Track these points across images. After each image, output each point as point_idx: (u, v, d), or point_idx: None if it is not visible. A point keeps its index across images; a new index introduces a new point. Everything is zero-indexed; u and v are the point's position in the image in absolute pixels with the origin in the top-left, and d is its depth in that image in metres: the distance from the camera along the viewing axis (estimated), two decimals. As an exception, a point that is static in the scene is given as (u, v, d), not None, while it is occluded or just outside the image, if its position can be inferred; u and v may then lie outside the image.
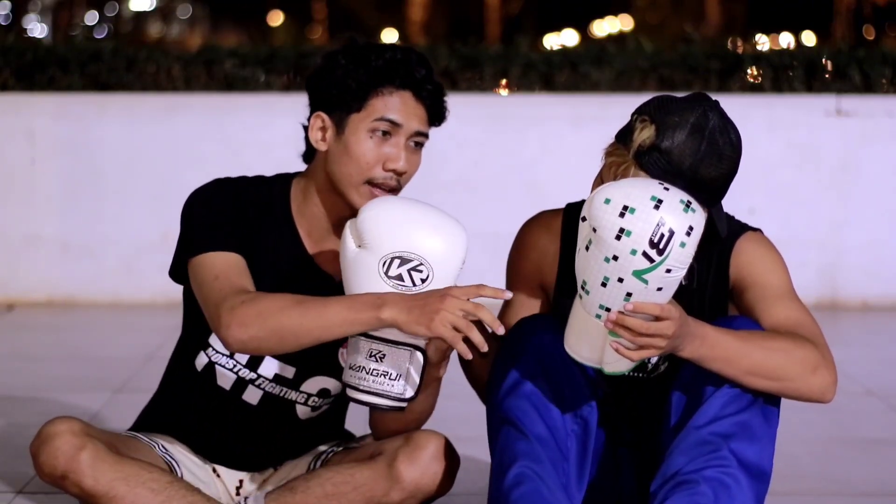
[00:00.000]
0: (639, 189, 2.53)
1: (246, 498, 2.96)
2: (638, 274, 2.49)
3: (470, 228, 2.74)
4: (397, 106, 2.88)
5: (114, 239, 6.83)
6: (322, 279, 2.94)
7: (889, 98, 6.95)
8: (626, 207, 2.49)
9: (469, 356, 2.64)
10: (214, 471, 3.06)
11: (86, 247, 6.83)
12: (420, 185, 6.68)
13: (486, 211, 6.53)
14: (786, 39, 17.21)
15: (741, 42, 7.94)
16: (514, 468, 2.70)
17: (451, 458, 2.90)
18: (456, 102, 8.23)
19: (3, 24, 30.38)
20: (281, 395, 2.98)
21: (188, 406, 3.04)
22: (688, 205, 2.53)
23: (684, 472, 2.64)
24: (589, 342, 2.61)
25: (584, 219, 2.57)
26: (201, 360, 2.99)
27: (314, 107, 2.92)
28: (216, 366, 2.97)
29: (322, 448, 3.08)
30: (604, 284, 2.52)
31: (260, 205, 2.95)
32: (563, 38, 32.89)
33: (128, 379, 4.74)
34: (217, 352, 2.96)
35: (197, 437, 3.05)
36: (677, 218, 2.50)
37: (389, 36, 30.01)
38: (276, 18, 39.60)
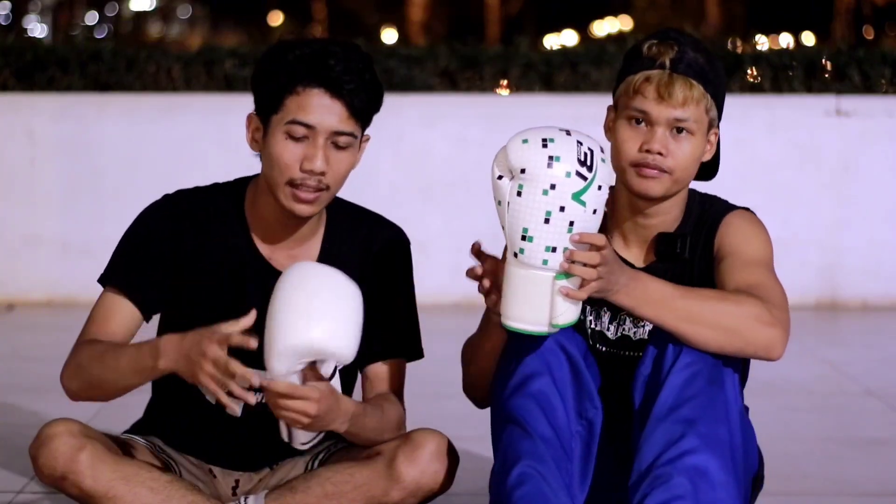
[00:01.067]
0: (544, 128, 2.67)
1: (245, 497, 2.96)
2: (577, 196, 2.59)
3: (470, 228, 2.74)
4: (310, 106, 2.80)
5: (114, 239, 6.76)
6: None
7: (889, 98, 6.95)
8: (544, 139, 2.61)
9: (235, 412, 2.66)
10: (210, 471, 3.06)
11: (86, 247, 6.83)
12: (421, 186, 6.71)
13: (486, 211, 6.50)
14: (785, 39, 17.22)
15: (741, 42, 7.94)
16: (518, 467, 2.70)
17: (451, 456, 2.90)
18: (456, 102, 8.21)
19: (3, 24, 30.39)
20: (263, 400, 2.98)
21: (179, 412, 3.03)
22: (587, 136, 2.69)
23: (658, 466, 2.65)
24: (534, 301, 2.63)
25: (500, 177, 2.64)
26: None
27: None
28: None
29: (319, 447, 3.07)
30: (547, 220, 2.59)
31: (211, 214, 2.94)
32: (563, 38, 32.89)
33: (128, 379, 4.73)
34: None
35: (190, 440, 3.04)
36: (588, 140, 2.66)
37: (389, 36, 30.00)
38: (276, 18, 39.60)
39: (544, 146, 2.60)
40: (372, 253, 3.00)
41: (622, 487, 2.89)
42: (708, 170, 2.97)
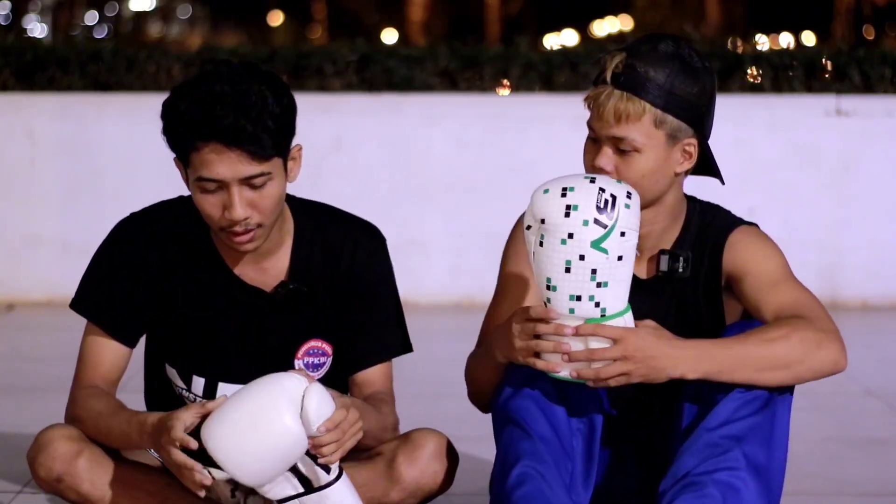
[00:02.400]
0: (571, 176, 2.64)
1: (245, 499, 2.95)
2: (596, 244, 2.58)
3: (470, 229, 2.73)
4: (211, 162, 2.71)
5: (114, 239, 6.83)
6: (252, 294, 2.92)
7: (889, 98, 6.95)
8: (564, 188, 2.60)
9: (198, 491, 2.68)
10: (209, 473, 3.05)
11: (86, 247, 6.79)
12: (421, 186, 6.70)
13: (486, 211, 6.51)
14: (786, 39, 17.20)
15: (741, 42, 7.93)
16: (517, 468, 2.69)
17: (451, 456, 2.90)
18: (456, 102, 8.19)
19: (3, 24, 30.40)
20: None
21: None
22: (618, 180, 2.65)
23: (694, 474, 2.64)
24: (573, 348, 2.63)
25: (528, 227, 2.64)
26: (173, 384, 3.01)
27: None
28: (181, 396, 2.99)
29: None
30: (568, 269, 2.58)
31: (178, 232, 2.92)
32: (563, 38, 32.90)
33: (128, 379, 4.73)
34: (177, 385, 2.99)
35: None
36: (614, 185, 2.62)
37: (389, 36, 30.00)
38: (276, 18, 39.61)
39: (563, 195, 2.59)
40: (343, 258, 2.94)
41: (621, 488, 2.89)
42: (707, 174, 2.94)
